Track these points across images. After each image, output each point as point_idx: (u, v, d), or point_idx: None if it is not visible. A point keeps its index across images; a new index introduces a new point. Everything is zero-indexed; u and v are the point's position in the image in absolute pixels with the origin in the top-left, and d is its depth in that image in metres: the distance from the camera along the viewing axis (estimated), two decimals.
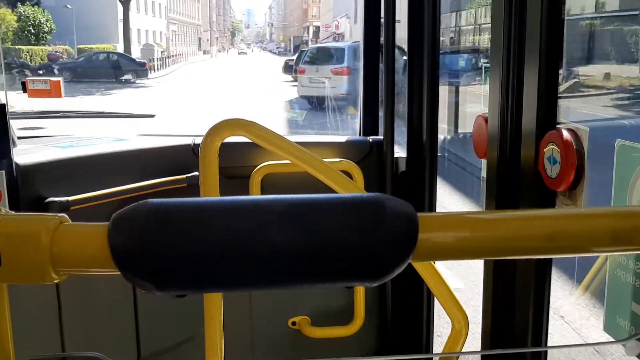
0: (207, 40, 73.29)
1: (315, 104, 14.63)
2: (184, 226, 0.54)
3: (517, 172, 1.64)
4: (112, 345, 2.26)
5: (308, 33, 66.51)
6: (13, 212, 0.58)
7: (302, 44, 57.04)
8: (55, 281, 0.56)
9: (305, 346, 2.57)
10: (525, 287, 1.66)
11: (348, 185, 1.85)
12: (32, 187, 1.97)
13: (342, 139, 2.65)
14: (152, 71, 26.73)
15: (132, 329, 2.31)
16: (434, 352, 2.66)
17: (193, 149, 2.35)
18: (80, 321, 2.17)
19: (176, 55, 41.92)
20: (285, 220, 0.55)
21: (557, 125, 1.53)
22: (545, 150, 1.52)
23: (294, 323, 2.57)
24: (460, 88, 8.21)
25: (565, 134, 1.47)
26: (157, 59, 29.47)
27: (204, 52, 64.38)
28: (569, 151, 1.45)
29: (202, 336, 1.81)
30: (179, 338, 2.43)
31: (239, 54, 72.61)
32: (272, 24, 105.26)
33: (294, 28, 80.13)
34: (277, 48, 78.83)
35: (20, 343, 0.62)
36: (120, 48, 33.00)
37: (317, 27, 60.70)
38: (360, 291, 2.50)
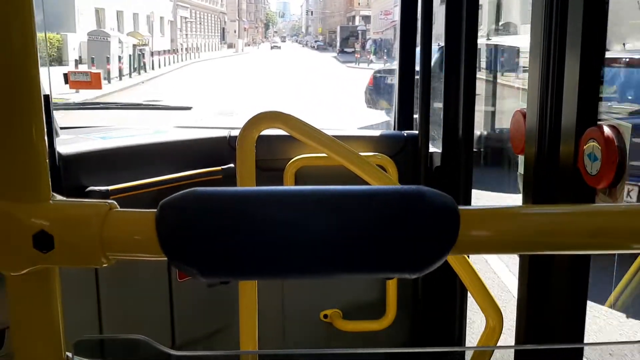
0: (235, 31, 65.33)
1: None
2: (229, 215, 0.55)
3: (556, 168, 1.62)
4: (147, 332, 2.30)
5: (353, 23, 58.21)
6: (65, 199, 0.60)
7: (352, 36, 46.40)
8: (104, 265, 0.58)
9: (336, 339, 2.58)
10: (562, 282, 1.64)
11: (384, 179, 1.84)
12: (73, 176, 2.02)
13: (376, 133, 2.64)
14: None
15: (167, 317, 2.35)
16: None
17: (229, 142, 2.38)
18: (117, 308, 2.22)
19: (176, 50, 30.33)
20: (327, 210, 0.56)
21: (598, 122, 1.50)
22: (585, 147, 1.49)
23: (325, 316, 2.59)
24: None
25: (607, 131, 1.44)
26: (125, 58, 18.09)
27: (229, 46, 56.08)
28: (610, 148, 1.42)
29: (236, 326, 1.84)
30: (213, 327, 2.46)
31: (272, 48, 66.50)
32: (311, 12, 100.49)
33: (336, 18, 72.94)
34: (315, 42, 72.45)
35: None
36: (73, 38, 20.78)
37: (364, 17, 53.22)
38: (392, 285, 2.49)
